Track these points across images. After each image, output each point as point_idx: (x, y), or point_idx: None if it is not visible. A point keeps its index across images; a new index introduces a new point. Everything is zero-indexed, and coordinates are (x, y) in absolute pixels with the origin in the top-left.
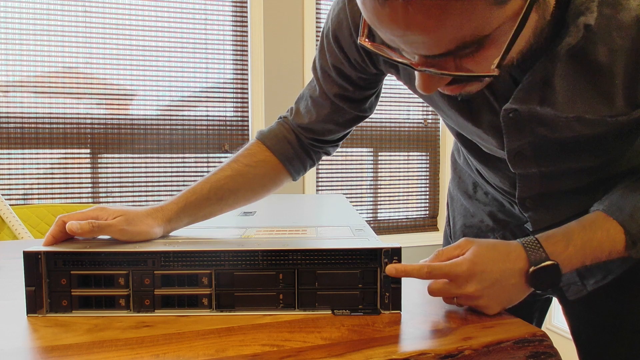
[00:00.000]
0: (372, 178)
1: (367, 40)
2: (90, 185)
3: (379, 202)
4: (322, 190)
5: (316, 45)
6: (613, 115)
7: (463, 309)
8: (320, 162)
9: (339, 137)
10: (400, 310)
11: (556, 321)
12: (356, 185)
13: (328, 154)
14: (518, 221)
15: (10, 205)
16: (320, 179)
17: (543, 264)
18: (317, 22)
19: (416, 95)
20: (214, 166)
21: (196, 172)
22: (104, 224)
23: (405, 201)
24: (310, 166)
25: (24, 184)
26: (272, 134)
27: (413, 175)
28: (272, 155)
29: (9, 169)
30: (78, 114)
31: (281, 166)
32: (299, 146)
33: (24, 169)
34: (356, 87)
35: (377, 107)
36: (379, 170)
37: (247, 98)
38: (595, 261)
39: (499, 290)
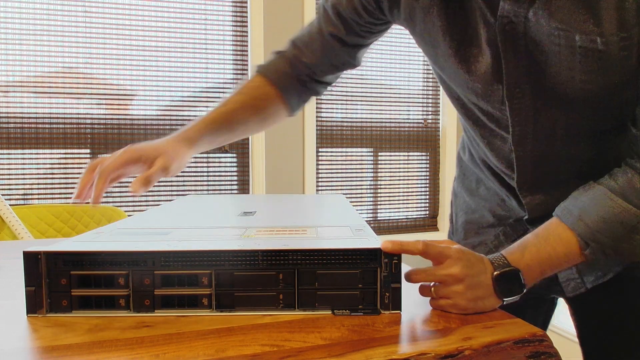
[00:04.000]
0: (372, 178)
1: None
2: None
3: (379, 202)
4: (322, 190)
5: None
6: (601, 34)
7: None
8: (320, 162)
9: (330, 79)
10: (400, 310)
11: (556, 321)
12: (356, 185)
13: (318, 93)
14: (517, 215)
15: (10, 205)
16: (320, 179)
17: (505, 269)
18: None
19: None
20: (214, 166)
21: (196, 172)
22: (153, 176)
23: (405, 201)
24: (304, 102)
25: (24, 184)
26: (273, 68)
27: (413, 175)
28: (274, 88)
29: (9, 169)
30: (78, 114)
31: (281, 99)
32: (296, 80)
33: (24, 169)
34: (349, 31)
35: (377, 107)
36: (379, 170)
37: None
38: (556, 267)
39: (476, 282)
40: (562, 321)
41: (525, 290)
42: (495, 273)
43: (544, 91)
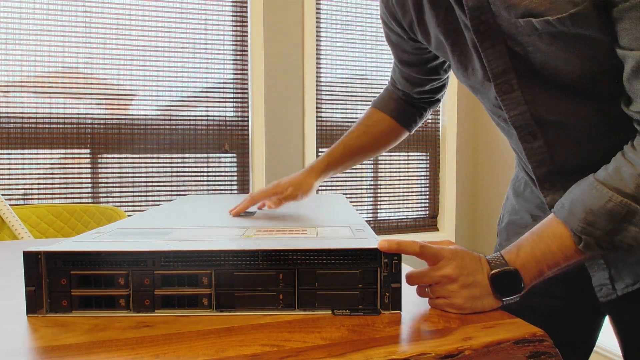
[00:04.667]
0: (372, 178)
1: None
2: (90, 185)
3: (379, 202)
4: (322, 190)
5: (316, 45)
6: (551, 14)
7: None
8: None
9: (425, 92)
10: (400, 310)
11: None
12: (356, 185)
13: (424, 109)
14: None
15: (10, 205)
16: None
17: (500, 269)
18: (317, 22)
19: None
20: (214, 166)
21: (196, 172)
22: (285, 197)
23: (405, 201)
24: (419, 117)
25: (24, 184)
26: (380, 98)
27: (413, 175)
28: (384, 114)
29: (9, 169)
30: (78, 114)
31: (394, 121)
32: (404, 102)
33: (24, 169)
34: (403, 51)
35: None
36: (379, 170)
37: (247, 98)
38: (554, 265)
39: (471, 282)
40: (604, 341)
41: (523, 291)
42: (491, 273)
43: (540, 84)
